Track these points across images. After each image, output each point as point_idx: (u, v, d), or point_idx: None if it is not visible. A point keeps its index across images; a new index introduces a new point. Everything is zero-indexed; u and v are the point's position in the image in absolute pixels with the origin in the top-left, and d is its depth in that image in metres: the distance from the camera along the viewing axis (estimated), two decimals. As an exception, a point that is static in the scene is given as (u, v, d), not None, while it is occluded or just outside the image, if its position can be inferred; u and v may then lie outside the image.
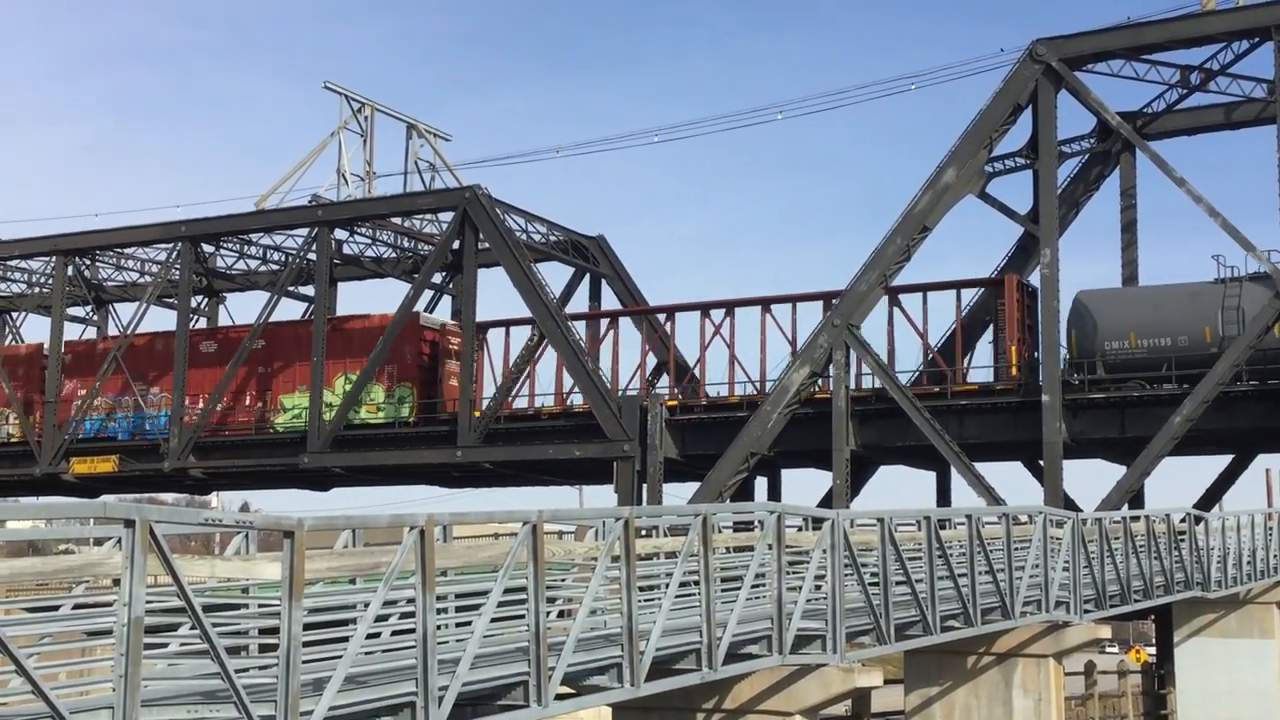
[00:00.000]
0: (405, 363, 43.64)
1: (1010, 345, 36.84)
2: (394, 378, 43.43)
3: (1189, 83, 38.33)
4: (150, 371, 47.65)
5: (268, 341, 45.33)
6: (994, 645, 22.91)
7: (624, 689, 13.34)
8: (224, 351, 46.05)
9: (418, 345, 44.00)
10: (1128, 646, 62.18)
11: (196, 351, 46.56)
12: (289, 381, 45.16)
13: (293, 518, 9.74)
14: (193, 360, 45.99)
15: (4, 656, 8.17)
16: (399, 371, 43.48)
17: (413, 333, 43.83)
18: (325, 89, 48.69)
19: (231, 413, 46.19)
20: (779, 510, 16.02)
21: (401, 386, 43.42)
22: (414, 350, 43.89)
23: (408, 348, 43.65)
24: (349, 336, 44.54)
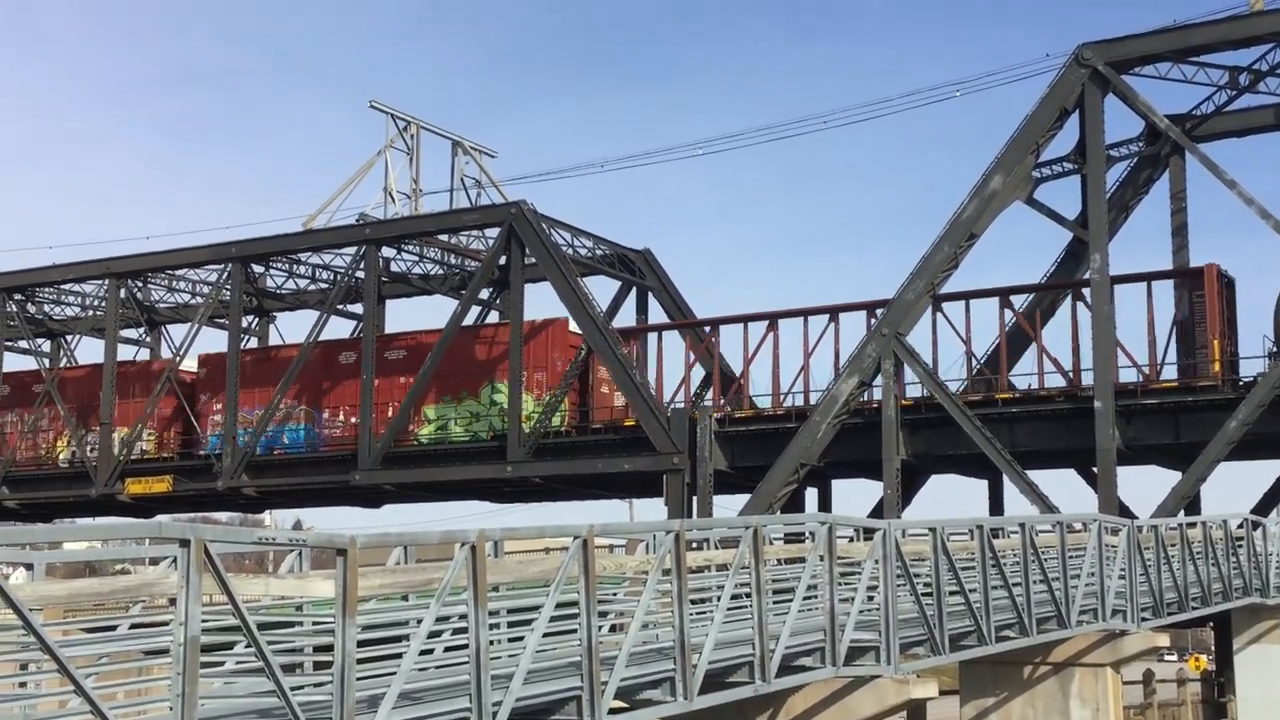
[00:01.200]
0: (554, 369, 42.22)
1: (1212, 339, 35.15)
2: (543, 385, 42.05)
3: (1238, 84, 37.95)
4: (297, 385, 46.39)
5: (409, 352, 44.44)
6: (1050, 655, 22.72)
7: (677, 703, 13.30)
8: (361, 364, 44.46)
9: (567, 352, 42.41)
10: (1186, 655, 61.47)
11: (335, 363, 45.63)
12: (434, 392, 43.52)
13: (345, 535, 9.79)
14: (334, 373, 45.32)
15: (63, 677, 8.26)
16: (549, 379, 42.11)
17: (561, 339, 42.49)
18: (371, 108, 49.04)
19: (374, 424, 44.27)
20: (830, 521, 15.95)
21: (552, 394, 41.82)
22: (564, 357, 42.36)
23: (556, 354, 42.36)
24: (488, 346, 43.42)
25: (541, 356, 42.21)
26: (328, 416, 45.37)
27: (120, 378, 49.10)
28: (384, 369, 44.03)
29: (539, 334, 42.48)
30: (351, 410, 44.53)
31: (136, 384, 49.70)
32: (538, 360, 42.03)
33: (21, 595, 8.11)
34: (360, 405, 43.51)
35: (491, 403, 42.33)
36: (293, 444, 45.97)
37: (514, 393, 40.92)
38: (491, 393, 42.37)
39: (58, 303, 54.37)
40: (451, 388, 43.07)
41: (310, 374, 45.59)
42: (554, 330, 42.54)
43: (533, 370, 42.03)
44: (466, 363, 43.11)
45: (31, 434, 50.95)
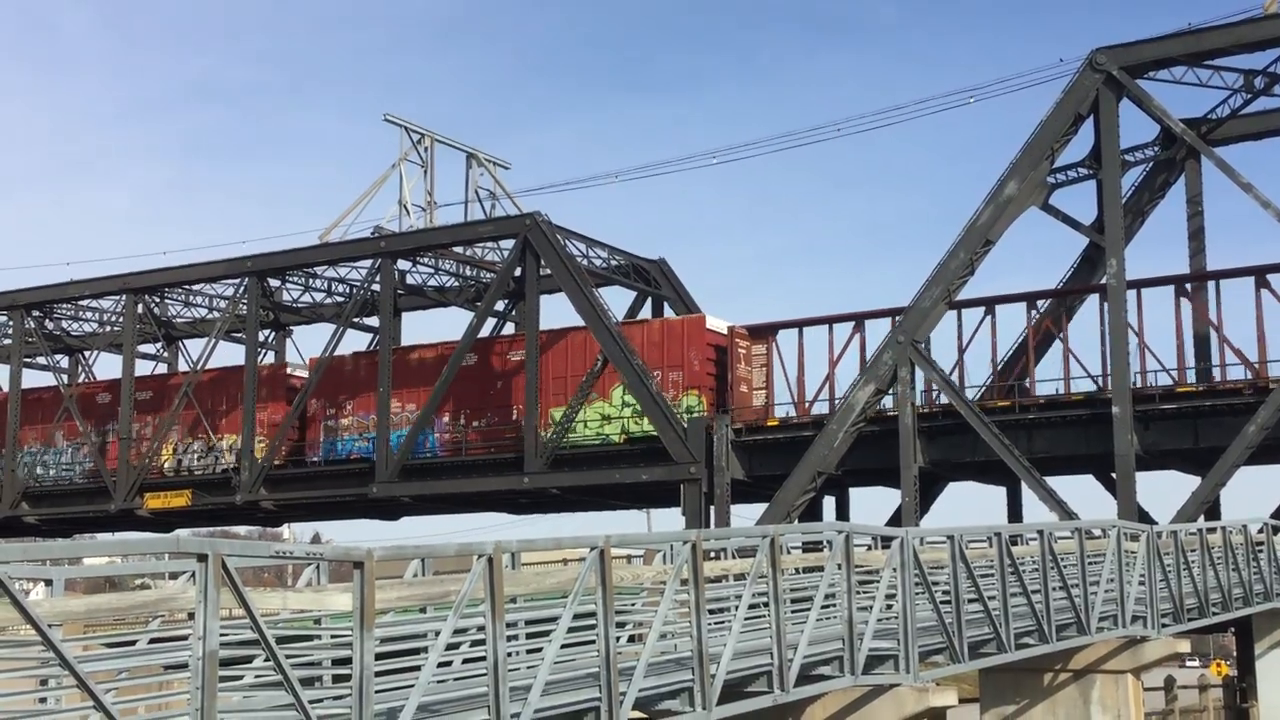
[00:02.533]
0: (692, 369, 40.59)
1: None
2: (680, 386, 40.52)
3: (1253, 87, 37.84)
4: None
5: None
6: (1070, 662, 22.65)
7: (696, 713, 13.29)
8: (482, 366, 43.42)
9: (704, 350, 40.81)
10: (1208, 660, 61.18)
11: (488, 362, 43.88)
12: (559, 394, 41.80)
13: (362, 548, 9.81)
14: (493, 372, 43.66)
15: (84, 692, 8.29)
16: (685, 379, 40.54)
17: (698, 337, 40.85)
18: (385, 121, 49.18)
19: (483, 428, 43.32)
20: (847, 530, 15.93)
21: (688, 394, 40.33)
22: (700, 356, 40.66)
23: (693, 353, 40.70)
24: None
25: (676, 355, 40.62)
26: (448, 421, 43.20)
27: (230, 383, 47.69)
28: (504, 371, 43.02)
29: (675, 331, 40.97)
30: (473, 414, 43.08)
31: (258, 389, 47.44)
32: (672, 358, 40.47)
33: (41, 611, 8.15)
34: (378, 417, 43.58)
35: (624, 404, 40.65)
36: (431, 447, 43.88)
37: (530, 403, 40.92)
38: (624, 393, 40.61)
39: (75, 319, 54.60)
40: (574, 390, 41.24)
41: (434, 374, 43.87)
42: (690, 326, 41.05)
43: (667, 369, 40.45)
44: (596, 361, 40.97)
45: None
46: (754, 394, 40.64)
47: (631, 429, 40.41)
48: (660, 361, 40.55)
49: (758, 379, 41.00)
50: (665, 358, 40.67)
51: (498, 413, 43.25)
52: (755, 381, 40.86)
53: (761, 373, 40.76)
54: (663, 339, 40.93)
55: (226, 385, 48.03)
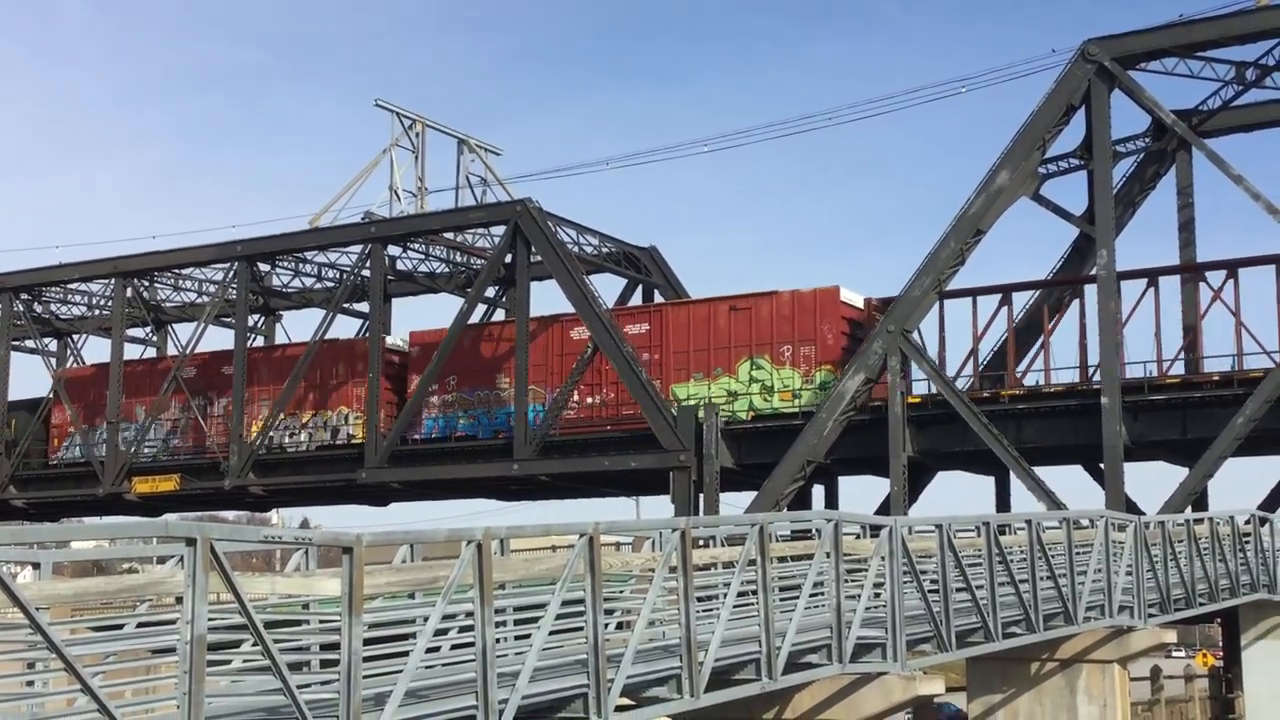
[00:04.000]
0: (825, 343, 38.52)
1: None
2: (812, 361, 38.52)
3: (1244, 79, 37.86)
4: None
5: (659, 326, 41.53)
6: (1057, 651, 22.72)
7: (683, 700, 13.32)
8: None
9: (838, 323, 38.77)
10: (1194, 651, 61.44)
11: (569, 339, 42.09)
12: (681, 372, 40.30)
13: (351, 534, 9.81)
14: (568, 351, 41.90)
15: (71, 675, 8.28)
16: (818, 354, 38.52)
17: (831, 309, 38.79)
18: (377, 106, 49.06)
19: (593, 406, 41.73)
20: (836, 518, 15.97)
21: (822, 370, 38.38)
22: (834, 329, 38.58)
23: (826, 326, 38.64)
24: (752, 318, 39.54)
25: (808, 328, 38.67)
26: (559, 395, 41.26)
27: (328, 358, 45.64)
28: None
29: (807, 303, 38.96)
30: (586, 390, 41.56)
31: (341, 364, 45.70)
32: (803, 332, 38.54)
33: (28, 594, 8.13)
34: (367, 404, 43.53)
35: (751, 380, 39.11)
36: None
37: (520, 387, 40.90)
38: (752, 369, 39.16)
39: (64, 302, 54.46)
40: (703, 364, 39.79)
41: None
42: (823, 298, 38.91)
43: (798, 343, 38.68)
44: (721, 336, 39.71)
45: (223, 419, 47.10)
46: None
47: (759, 405, 38.72)
48: (790, 335, 38.74)
49: None
50: (796, 331, 38.74)
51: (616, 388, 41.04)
52: None
53: None
54: (793, 311, 38.83)
55: (325, 360, 45.53)
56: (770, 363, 38.94)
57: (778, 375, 38.76)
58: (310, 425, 45.70)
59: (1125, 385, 34.79)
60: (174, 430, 48.80)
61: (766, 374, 39.06)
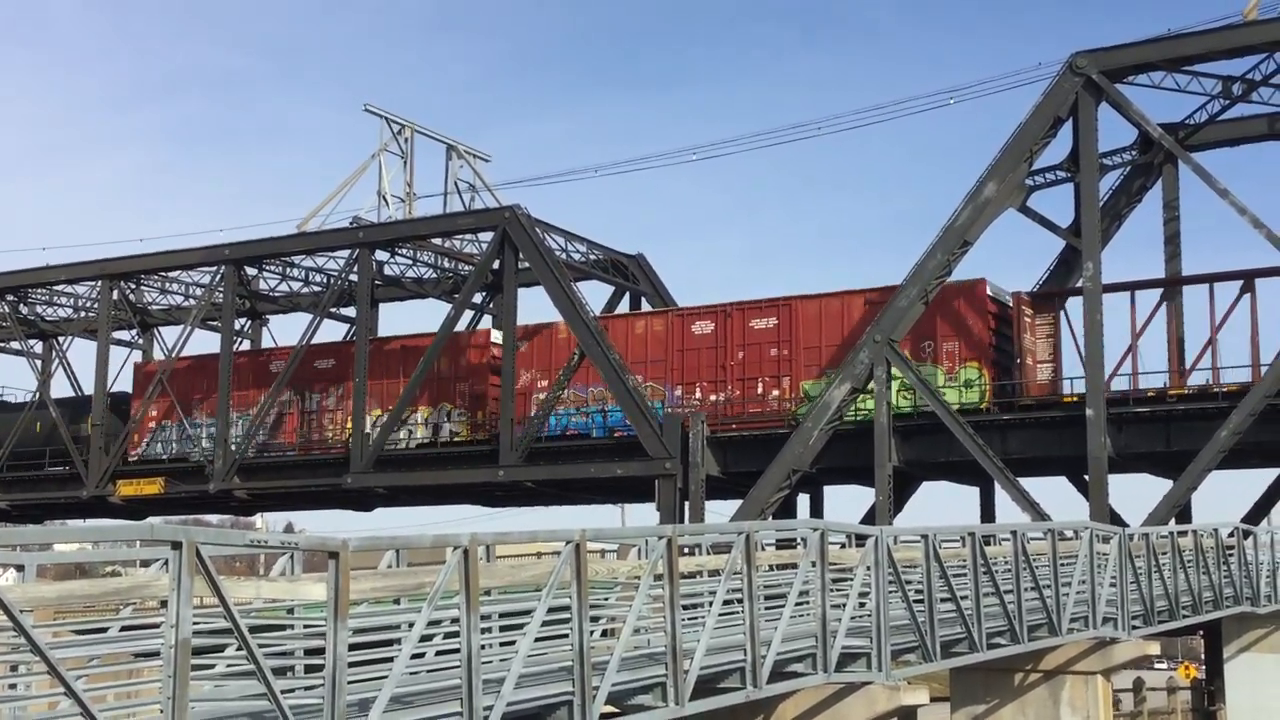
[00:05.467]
0: (970, 338, 37.18)
1: None
2: (956, 357, 37.22)
3: (1231, 94, 38.02)
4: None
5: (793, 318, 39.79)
6: (1041, 662, 22.74)
7: (668, 708, 13.30)
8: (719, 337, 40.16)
9: (984, 318, 37.13)
10: (1177, 663, 61.55)
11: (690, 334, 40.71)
12: (811, 369, 38.77)
13: (337, 539, 9.79)
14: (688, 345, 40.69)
15: (53, 678, 8.24)
16: (962, 349, 37.12)
17: (979, 303, 37.29)
18: (366, 111, 49.02)
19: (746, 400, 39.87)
20: (822, 527, 15.96)
21: (967, 367, 37.11)
22: (980, 324, 37.02)
23: (972, 320, 37.27)
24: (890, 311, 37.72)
25: (952, 323, 37.15)
26: (681, 393, 40.20)
27: (411, 351, 44.19)
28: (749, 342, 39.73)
29: (951, 296, 37.23)
30: (709, 387, 40.15)
31: (444, 358, 43.59)
32: (947, 327, 37.17)
33: (12, 596, 8.10)
34: (354, 407, 43.45)
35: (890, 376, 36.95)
36: (616, 424, 40.54)
37: (506, 392, 40.88)
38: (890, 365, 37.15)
39: (50, 304, 54.30)
40: (836, 359, 37.84)
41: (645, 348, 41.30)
42: (967, 291, 37.30)
43: (940, 339, 37.29)
44: (856, 330, 37.88)
45: (315, 414, 46.14)
46: (1038, 367, 37.50)
47: (898, 403, 37.08)
48: (931, 330, 37.35)
49: (1042, 351, 37.79)
50: (938, 325, 37.39)
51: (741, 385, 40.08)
52: (1040, 354, 37.75)
53: (1048, 344, 37.67)
54: (935, 305, 37.23)
55: (411, 356, 43.90)
56: (912, 359, 37.21)
57: (920, 372, 36.94)
58: (410, 423, 43.98)
59: (1111, 397, 34.88)
60: (271, 426, 46.66)
61: (908, 371, 37.02)
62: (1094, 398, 34.21)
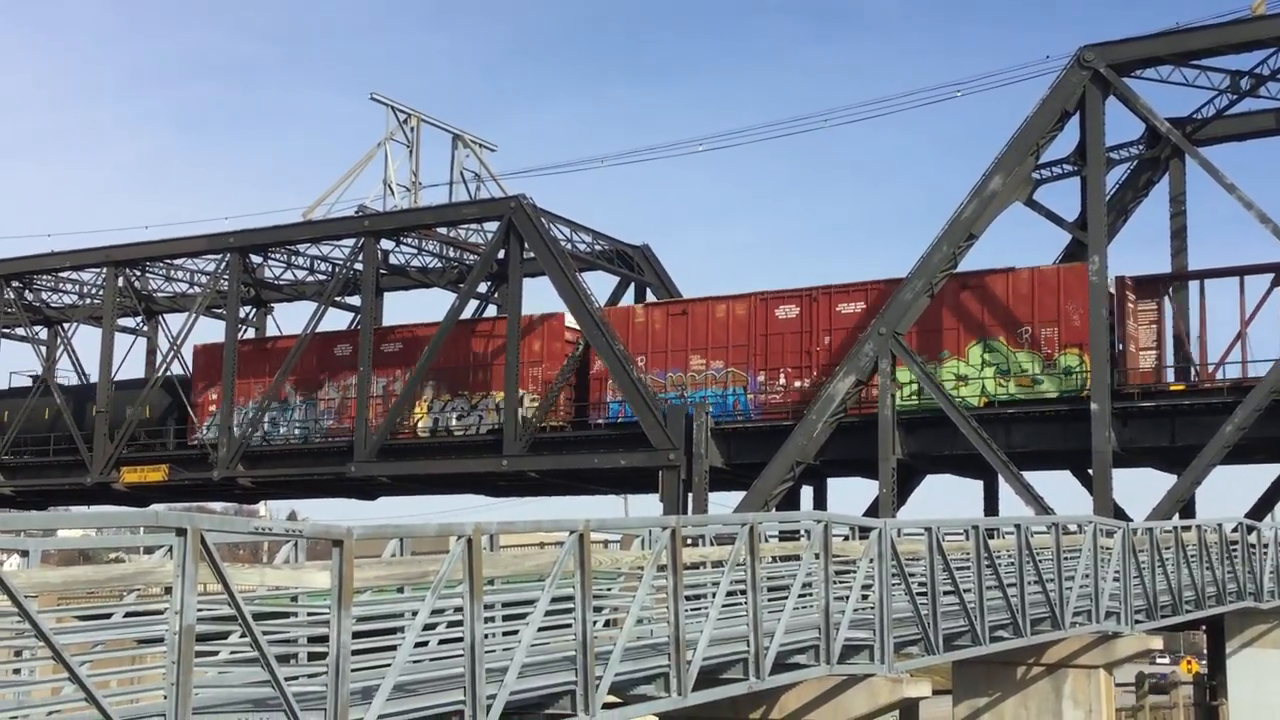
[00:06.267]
0: (1071, 325, 35.68)
1: None
2: (1055, 343, 35.94)
3: (1239, 88, 37.93)
4: None
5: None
6: (1043, 656, 22.73)
7: (671, 698, 13.31)
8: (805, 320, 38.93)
9: (1086, 303, 35.41)
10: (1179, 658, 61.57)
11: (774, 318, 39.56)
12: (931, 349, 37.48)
13: (342, 527, 9.80)
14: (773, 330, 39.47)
15: (58, 664, 8.26)
16: (1062, 335, 35.87)
17: (1078, 287, 35.59)
18: (372, 100, 49.01)
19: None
20: (825, 519, 15.96)
21: (1067, 353, 35.88)
22: (1081, 309, 35.43)
23: (1072, 306, 35.71)
24: (984, 296, 37.10)
25: (1050, 308, 36.01)
26: (765, 380, 39.09)
27: (482, 335, 43.40)
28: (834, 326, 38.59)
29: (1049, 280, 36.23)
30: (794, 374, 38.96)
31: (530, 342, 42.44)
32: (1045, 313, 35.85)
33: (17, 582, 8.11)
34: (358, 397, 43.44)
35: (984, 363, 36.73)
36: (718, 410, 39.32)
37: (510, 384, 40.86)
38: (984, 351, 36.85)
39: (55, 290, 54.34)
40: (927, 345, 37.15)
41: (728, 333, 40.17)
42: (1069, 276, 36.19)
43: (1038, 324, 36.07)
44: (949, 315, 37.12)
45: (383, 399, 44.49)
46: (1141, 355, 36.50)
47: (994, 391, 36.34)
48: (1029, 315, 36.13)
49: (1145, 338, 36.84)
50: (1037, 312, 36.14)
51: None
52: (1143, 341, 36.75)
53: (1151, 331, 36.81)
54: (1032, 290, 36.29)
55: (495, 339, 42.99)
56: (1006, 345, 36.42)
57: (1014, 358, 36.29)
58: (480, 407, 42.71)
59: (1116, 391, 34.83)
60: (336, 411, 45.53)
61: (1001, 357, 36.56)
62: (1099, 392, 34.13)
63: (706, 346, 39.89)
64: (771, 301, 39.91)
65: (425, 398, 43.83)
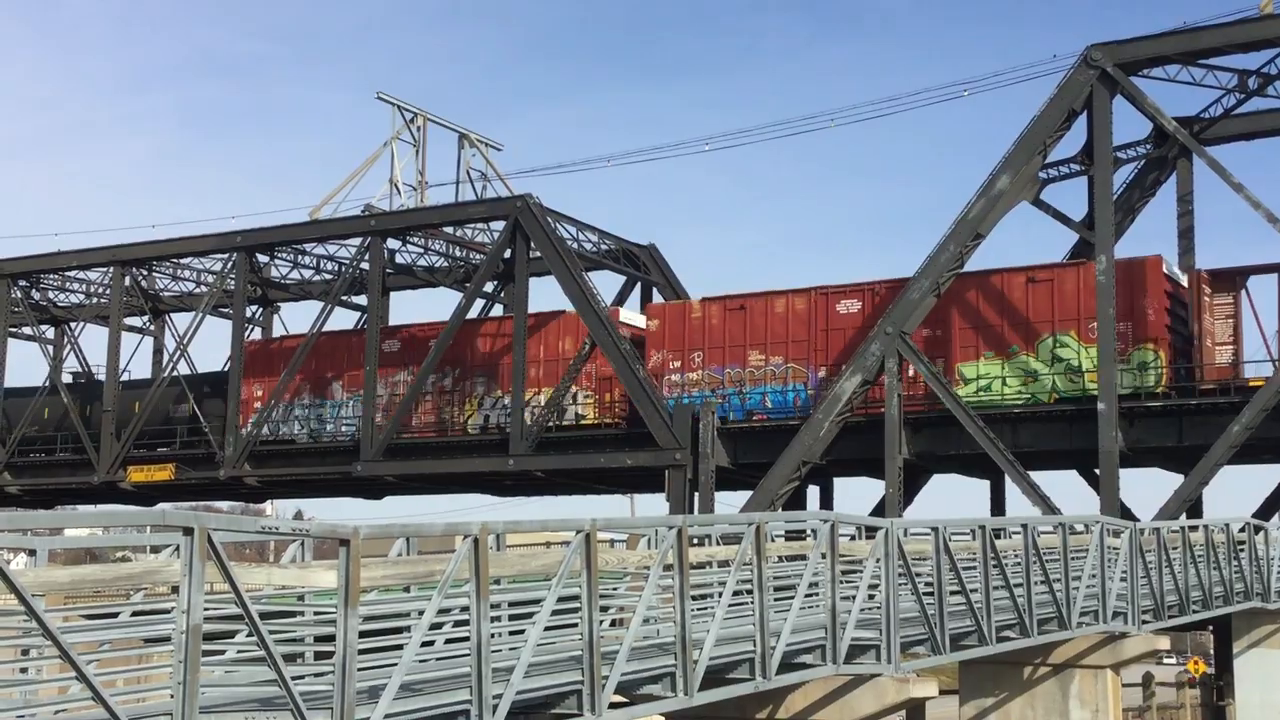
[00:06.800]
0: (1145, 320, 35.12)
1: None
2: (1129, 339, 35.20)
3: (1246, 87, 37.87)
4: None
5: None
6: (1050, 656, 22.71)
7: (677, 698, 13.31)
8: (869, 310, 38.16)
9: (1160, 298, 35.17)
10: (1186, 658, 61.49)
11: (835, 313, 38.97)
12: (969, 350, 37.08)
13: (348, 526, 9.79)
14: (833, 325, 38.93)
15: (65, 663, 8.26)
16: (1135, 331, 35.15)
17: (1153, 282, 35.15)
18: (379, 99, 49.04)
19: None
20: (832, 519, 15.94)
21: (1142, 349, 35.20)
22: (1156, 305, 35.06)
23: (1146, 300, 35.23)
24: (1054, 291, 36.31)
25: (1124, 302, 35.20)
26: (826, 375, 38.33)
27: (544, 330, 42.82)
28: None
29: (1123, 274, 35.11)
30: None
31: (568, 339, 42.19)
32: (1120, 307, 34.96)
33: (25, 581, 8.11)
34: (365, 395, 43.46)
35: (1055, 359, 35.80)
36: (778, 407, 38.96)
37: (517, 382, 40.85)
38: (1054, 346, 35.89)
39: (62, 290, 54.41)
40: (995, 341, 36.40)
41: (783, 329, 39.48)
42: (1142, 270, 35.43)
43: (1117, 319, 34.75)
44: (1018, 310, 36.32)
45: (433, 396, 44.21)
46: (1217, 350, 35.72)
47: (1064, 388, 35.64)
48: (1122, 309, 35.14)
49: (1221, 333, 35.92)
50: (1134, 307, 35.30)
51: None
52: (1219, 335, 35.88)
53: (1227, 325, 35.90)
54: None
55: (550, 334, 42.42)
56: (1077, 340, 35.66)
57: (1087, 354, 35.39)
58: (534, 404, 42.00)
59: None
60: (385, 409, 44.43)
61: (1073, 353, 35.69)
62: (1106, 392, 34.08)
63: (766, 342, 39.29)
64: (833, 296, 39.28)
65: (476, 395, 43.16)
